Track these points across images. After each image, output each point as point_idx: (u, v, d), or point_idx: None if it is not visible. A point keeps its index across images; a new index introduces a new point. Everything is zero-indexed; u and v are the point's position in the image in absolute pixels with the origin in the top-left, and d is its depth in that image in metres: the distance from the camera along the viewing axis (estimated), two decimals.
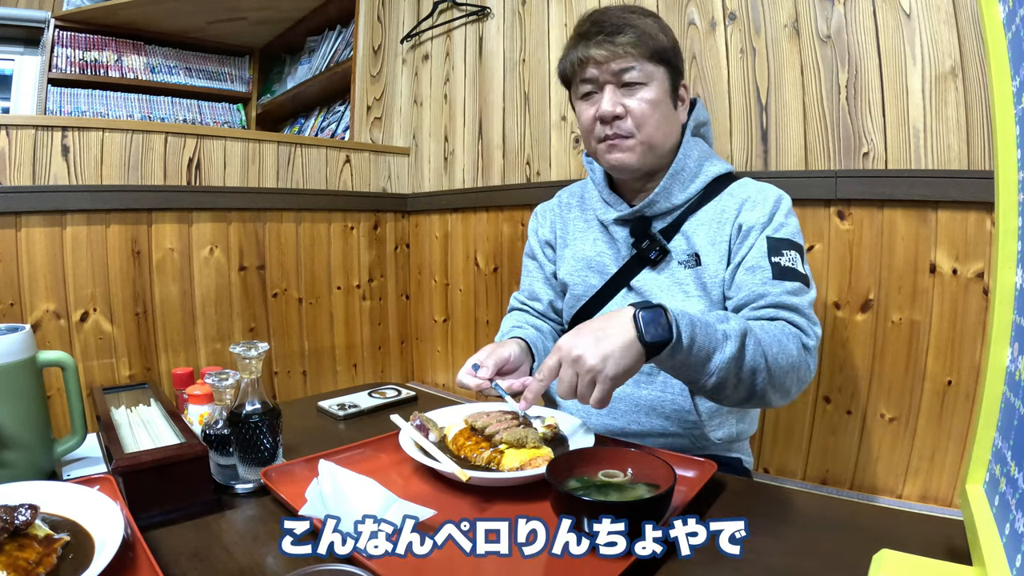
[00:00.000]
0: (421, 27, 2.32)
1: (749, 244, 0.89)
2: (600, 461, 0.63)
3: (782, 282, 0.85)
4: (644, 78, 0.90)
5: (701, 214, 0.94)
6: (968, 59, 1.15)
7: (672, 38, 0.93)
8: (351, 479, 0.59)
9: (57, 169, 1.65)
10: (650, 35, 0.89)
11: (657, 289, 0.94)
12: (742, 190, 0.94)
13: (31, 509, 0.49)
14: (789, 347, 0.77)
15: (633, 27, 0.89)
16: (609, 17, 0.91)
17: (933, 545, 0.53)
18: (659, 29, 0.91)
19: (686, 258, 0.93)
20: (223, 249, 1.97)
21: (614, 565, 0.50)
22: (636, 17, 0.91)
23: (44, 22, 2.46)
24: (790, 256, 0.87)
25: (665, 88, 0.92)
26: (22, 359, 0.67)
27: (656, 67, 0.91)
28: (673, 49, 0.93)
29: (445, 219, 2.31)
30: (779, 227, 0.89)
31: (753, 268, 0.87)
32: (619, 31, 0.89)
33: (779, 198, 0.92)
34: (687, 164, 0.95)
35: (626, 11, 0.92)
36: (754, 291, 0.85)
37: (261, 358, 0.69)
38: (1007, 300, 0.43)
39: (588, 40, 0.91)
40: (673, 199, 0.95)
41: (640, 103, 0.91)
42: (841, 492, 1.37)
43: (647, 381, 0.95)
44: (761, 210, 0.90)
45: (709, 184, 0.96)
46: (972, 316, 1.19)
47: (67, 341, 1.68)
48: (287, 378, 2.14)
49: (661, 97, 0.92)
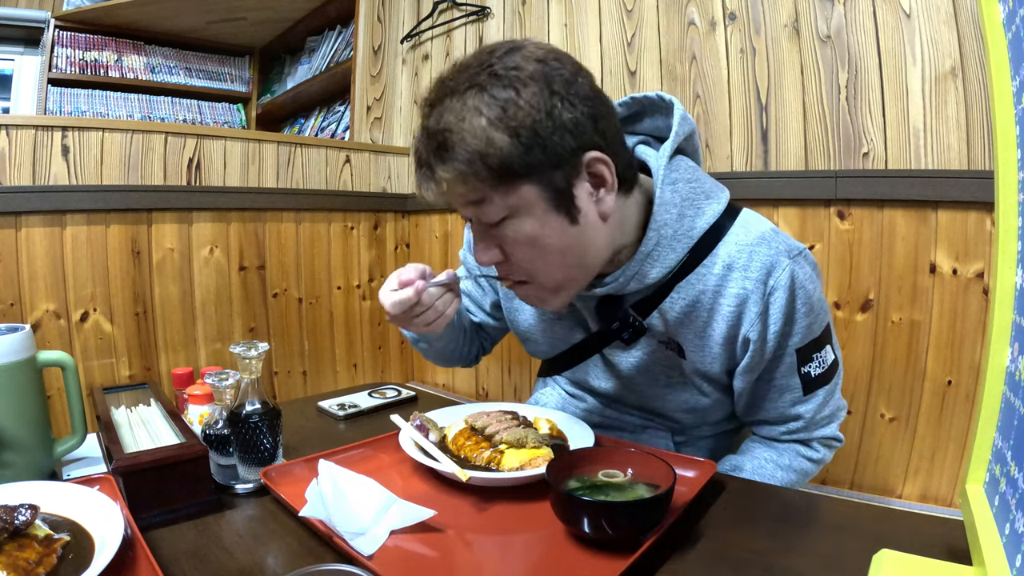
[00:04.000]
0: (421, 27, 2.32)
1: (771, 360, 0.73)
2: (600, 461, 0.63)
3: (814, 395, 0.76)
4: (502, 211, 0.63)
5: (686, 288, 0.72)
6: (968, 59, 1.15)
7: (528, 117, 0.59)
8: (351, 479, 0.59)
9: (57, 169, 1.65)
10: (479, 152, 0.59)
11: (634, 370, 0.80)
12: (743, 262, 0.70)
13: (31, 509, 0.49)
14: (803, 477, 0.80)
15: (456, 144, 0.59)
16: (431, 123, 0.62)
17: (933, 545, 0.53)
18: (497, 122, 0.59)
19: (667, 340, 0.77)
20: (223, 249, 1.96)
21: (614, 565, 0.50)
22: (460, 114, 0.60)
23: (44, 22, 2.46)
24: (821, 357, 0.74)
25: (543, 207, 0.63)
26: (22, 359, 0.67)
27: (512, 191, 0.62)
28: (530, 146, 0.59)
29: (445, 219, 2.31)
30: (807, 330, 0.72)
31: (781, 389, 0.75)
32: (439, 156, 0.61)
33: (797, 284, 0.69)
34: (663, 234, 0.70)
35: (451, 96, 0.61)
36: (783, 413, 0.77)
37: (261, 358, 0.69)
38: (1007, 300, 0.43)
39: (417, 168, 0.65)
40: (648, 278, 0.72)
41: (517, 247, 0.65)
42: (841, 492, 1.37)
43: (631, 438, 0.88)
44: (777, 316, 0.69)
45: (695, 245, 0.72)
46: (972, 316, 1.19)
47: (67, 341, 1.68)
48: (287, 378, 2.14)
49: (541, 227, 0.64)
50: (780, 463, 0.79)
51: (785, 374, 0.75)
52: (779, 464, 0.79)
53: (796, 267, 0.70)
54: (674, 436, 0.87)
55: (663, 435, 0.87)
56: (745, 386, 0.77)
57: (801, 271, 0.70)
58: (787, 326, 0.71)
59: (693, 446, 0.88)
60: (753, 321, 0.70)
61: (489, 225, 0.65)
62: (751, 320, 0.70)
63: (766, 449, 0.81)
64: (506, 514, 0.62)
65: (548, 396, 0.96)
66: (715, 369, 0.75)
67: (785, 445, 0.81)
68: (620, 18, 1.68)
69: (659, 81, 1.61)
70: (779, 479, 0.78)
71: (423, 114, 0.64)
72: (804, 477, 0.81)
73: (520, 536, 0.59)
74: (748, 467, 0.79)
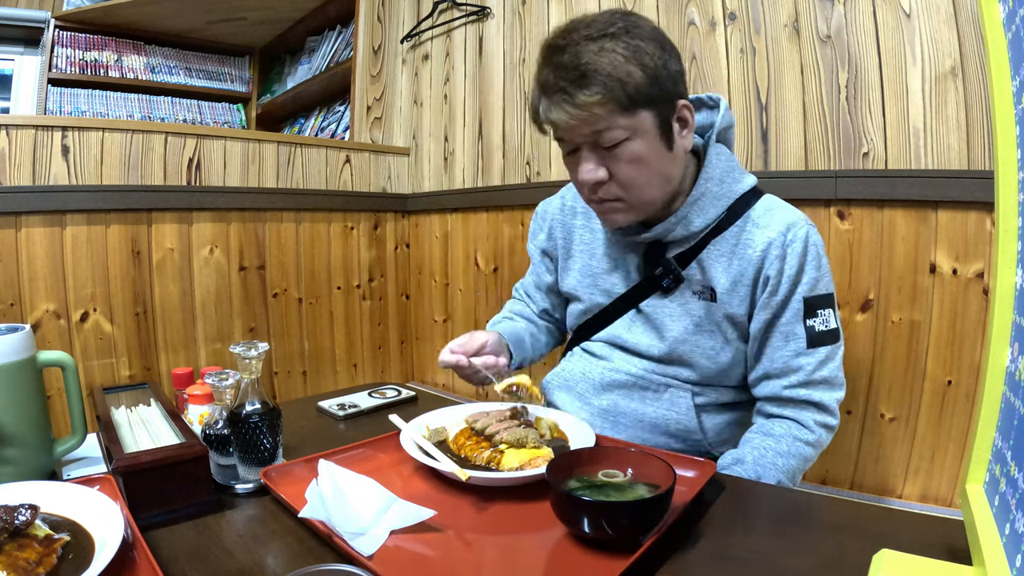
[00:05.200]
0: (421, 27, 2.32)
1: (781, 302, 0.83)
2: (600, 461, 0.63)
3: (816, 351, 0.83)
4: (624, 133, 0.76)
5: (721, 242, 0.86)
6: (968, 59, 1.15)
7: (652, 61, 0.75)
8: (351, 479, 0.59)
9: (57, 169, 1.65)
10: (619, 79, 0.73)
11: (668, 318, 0.89)
12: (768, 222, 0.84)
13: (31, 509, 0.49)
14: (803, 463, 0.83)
15: (596, 73, 0.73)
16: (567, 59, 0.74)
17: (933, 545, 0.53)
18: (632, 59, 0.74)
19: (701, 288, 0.87)
20: (223, 249, 1.97)
21: (614, 565, 0.50)
22: (598, 53, 0.73)
23: (44, 22, 2.46)
24: (824, 316, 0.83)
25: (654, 133, 0.78)
26: (22, 359, 0.67)
27: (636, 116, 0.76)
28: (654, 79, 0.75)
29: (445, 219, 2.31)
30: (814, 282, 0.83)
31: (787, 335, 0.84)
32: (580, 83, 0.73)
33: (810, 241, 0.83)
34: (708, 188, 0.86)
35: (587, 40, 0.74)
36: (787, 364, 0.84)
37: (261, 358, 0.69)
38: (1007, 300, 0.43)
39: (548, 97, 0.77)
40: (692, 226, 0.86)
41: (624, 165, 0.79)
42: (841, 492, 1.37)
43: (653, 398, 0.91)
44: (792, 261, 0.82)
45: (731, 205, 0.86)
46: (972, 316, 1.19)
47: (67, 341, 1.68)
48: (287, 378, 2.14)
49: (649, 148, 0.79)
50: (780, 450, 0.81)
51: (792, 320, 0.83)
52: (779, 451, 0.81)
53: (811, 230, 0.84)
54: (695, 397, 0.90)
55: (684, 395, 0.90)
56: (759, 328, 0.85)
57: (815, 234, 0.85)
58: (799, 273, 0.82)
59: (711, 412, 0.91)
60: (773, 261, 0.83)
61: (604, 148, 0.78)
62: (771, 261, 0.83)
63: (764, 438, 0.83)
64: (506, 514, 0.62)
65: (574, 363, 1.00)
66: (741, 311, 0.86)
67: (782, 430, 0.83)
68: None
69: None
70: (780, 466, 0.80)
71: (551, 55, 0.76)
72: (804, 463, 0.83)
73: (520, 536, 0.59)
74: (749, 458, 0.80)
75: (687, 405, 0.89)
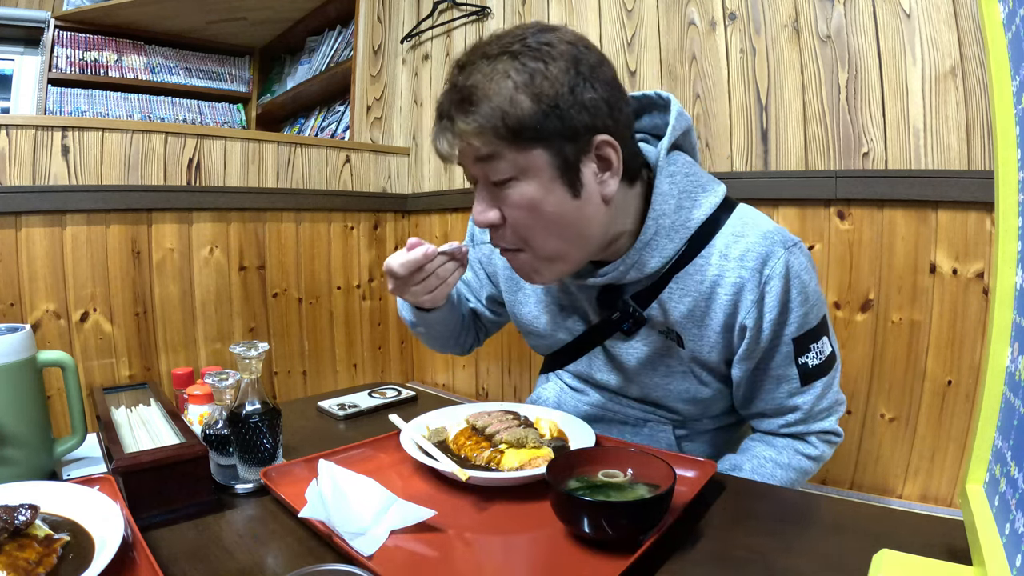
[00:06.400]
0: (421, 27, 2.32)
1: (767, 349, 0.74)
2: (600, 461, 0.63)
3: (812, 387, 0.76)
4: (511, 170, 0.65)
5: (683, 278, 0.74)
6: (968, 59, 1.15)
7: (552, 88, 0.62)
8: (351, 479, 0.59)
9: (57, 169, 1.65)
10: (501, 109, 0.62)
11: (635, 360, 0.81)
12: (738, 252, 0.72)
13: (31, 509, 0.49)
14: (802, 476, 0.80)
15: (481, 100, 0.63)
16: (460, 80, 0.65)
17: (933, 545, 0.53)
18: (522, 86, 0.62)
19: (666, 330, 0.78)
20: (223, 249, 1.96)
21: (614, 565, 0.50)
22: (488, 76, 0.63)
23: (44, 22, 2.46)
24: (818, 347, 0.75)
25: (550, 175, 0.65)
26: (22, 359, 0.67)
27: (525, 153, 0.64)
28: (551, 111, 0.62)
29: (445, 219, 2.31)
30: (803, 318, 0.72)
31: (779, 379, 0.76)
32: (461, 109, 0.64)
33: (792, 273, 0.70)
34: (661, 224, 0.73)
35: (484, 59, 0.65)
36: (782, 404, 0.78)
37: (261, 358, 0.69)
38: (1007, 300, 0.43)
39: (438, 121, 0.68)
40: (647, 268, 0.74)
41: (515, 210, 0.68)
42: (841, 492, 1.37)
43: (632, 432, 0.88)
44: (772, 303, 0.71)
45: (692, 236, 0.74)
46: (972, 316, 1.19)
47: (67, 341, 1.68)
48: (287, 378, 2.14)
49: (543, 194, 0.66)
50: (779, 461, 0.79)
51: (782, 364, 0.75)
52: (778, 463, 0.79)
53: (791, 257, 0.71)
54: (675, 429, 0.86)
55: (664, 429, 0.86)
56: (743, 375, 0.77)
57: (796, 261, 0.72)
58: (783, 315, 0.72)
59: (694, 441, 0.88)
60: (749, 309, 0.71)
61: (494, 184, 0.67)
62: (747, 308, 0.72)
63: (765, 448, 0.81)
64: (506, 514, 0.62)
65: (549, 391, 0.96)
66: (713, 358, 0.77)
67: (784, 442, 0.81)
68: (620, 18, 1.68)
69: (659, 81, 1.61)
70: (779, 478, 0.78)
71: (452, 74, 0.68)
72: (804, 475, 0.81)
73: (520, 536, 0.59)
74: (747, 467, 0.79)
75: (668, 440, 0.86)
